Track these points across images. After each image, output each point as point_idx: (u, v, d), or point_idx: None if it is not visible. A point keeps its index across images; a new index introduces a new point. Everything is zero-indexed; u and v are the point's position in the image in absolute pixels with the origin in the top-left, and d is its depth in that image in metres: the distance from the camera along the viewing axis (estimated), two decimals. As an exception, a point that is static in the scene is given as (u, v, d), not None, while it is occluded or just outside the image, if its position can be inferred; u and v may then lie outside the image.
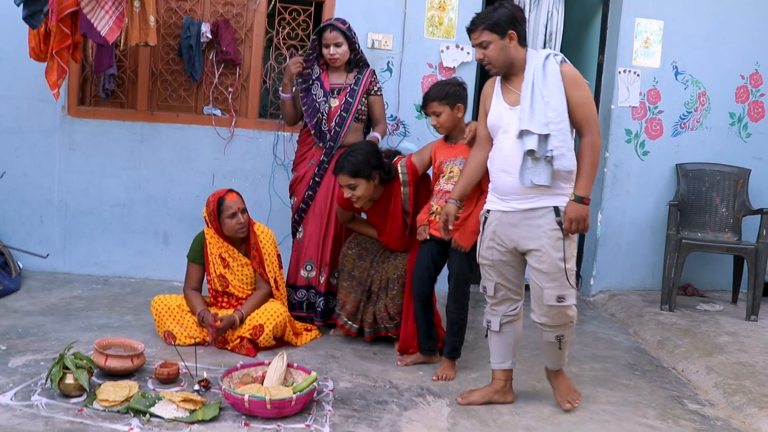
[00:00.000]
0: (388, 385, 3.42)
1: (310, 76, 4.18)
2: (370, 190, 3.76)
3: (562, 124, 2.93)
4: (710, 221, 5.19)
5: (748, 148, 5.41)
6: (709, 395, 3.62)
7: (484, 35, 3.01)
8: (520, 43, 3.04)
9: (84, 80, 4.89)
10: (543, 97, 2.93)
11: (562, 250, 2.98)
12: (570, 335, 3.14)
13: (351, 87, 4.14)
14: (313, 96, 4.13)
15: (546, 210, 2.99)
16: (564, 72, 2.96)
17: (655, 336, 4.41)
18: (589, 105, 2.99)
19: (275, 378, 3.15)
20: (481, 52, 3.04)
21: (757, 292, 4.74)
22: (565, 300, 3.03)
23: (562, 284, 3.01)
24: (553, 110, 2.92)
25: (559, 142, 2.92)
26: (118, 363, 3.19)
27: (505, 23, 2.98)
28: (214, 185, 4.84)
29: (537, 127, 2.92)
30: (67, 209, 4.89)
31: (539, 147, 2.92)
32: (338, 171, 3.72)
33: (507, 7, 3.01)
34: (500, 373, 3.29)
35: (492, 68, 3.07)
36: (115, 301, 4.44)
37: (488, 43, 3.01)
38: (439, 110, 3.58)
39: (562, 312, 3.05)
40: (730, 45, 5.30)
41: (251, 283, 3.91)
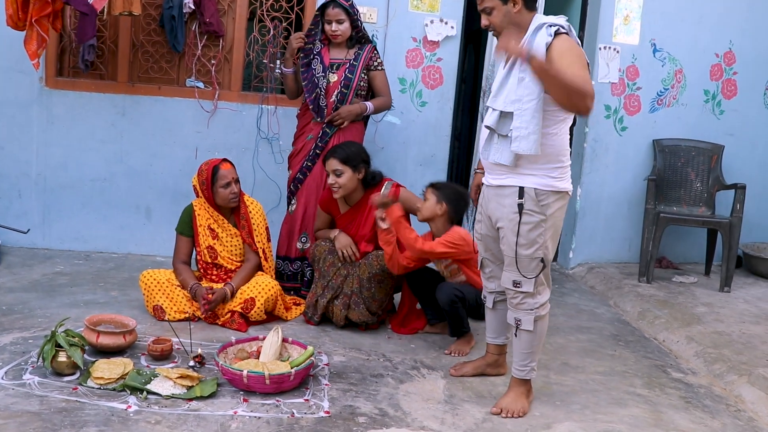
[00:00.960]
0: (382, 358, 3.46)
1: (311, 51, 4.18)
2: (353, 183, 3.79)
3: (531, 104, 2.72)
4: (685, 196, 5.31)
5: (721, 124, 5.54)
6: (691, 364, 3.74)
7: (486, 1, 2.87)
8: (527, 6, 2.86)
9: (62, 50, 4.76)
10: (519, 72, 2.76)
11: (517, 235, 2.86)
12: (527, 326, 2.93)
13: (351, 62, 4.16)
14: (312, 71, 4.14)
15: (511, 190, 2.87)
16: (553, 47, 2.73)
17: (635, 307, 4.52)
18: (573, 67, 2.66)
19: (271, 353, 3.16)
20: (486, 18, 2.91)
21: (731, 264, 4.89)
22: (521, 286, 2.90)
23: (516, 270, 2.91)
24: (526, 88, 2.73)
25: (521, 122, 2.74)
26: (110, 340, 3.16)
27: None
28: (197, 159, 4.78)
29: (500, 104, 2.81)
30: (46, 183, 4.79)
31: (498, 125, 2.82)
32: (329, 156, 3.78)
33: None
34: (493, 347, 3.33)
35: (497, 35, 2.92)
36: (99, 276, 4.38)
37: (491, 8, 2.87)
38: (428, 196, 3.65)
39: (521, 298, 2.93)
40: (706, 23, 5.39)
41: (240, 254, 3.90)
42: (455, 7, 4.99)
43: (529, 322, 2.94)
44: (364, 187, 3.87)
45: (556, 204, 2.88)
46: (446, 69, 5.05)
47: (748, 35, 5.47)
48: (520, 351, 3.00)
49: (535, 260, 2.88)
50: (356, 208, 3.88)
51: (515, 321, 2.97)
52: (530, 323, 2.94)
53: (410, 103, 5.03)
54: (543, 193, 2.84)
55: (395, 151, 5.02)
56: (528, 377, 3.03)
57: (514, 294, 2.95)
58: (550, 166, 2.85)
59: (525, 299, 2.93)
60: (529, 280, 2.90)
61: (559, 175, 2.87)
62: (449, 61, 5.04)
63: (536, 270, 2.89)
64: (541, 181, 2.84)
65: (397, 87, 4.98)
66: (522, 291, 2.92)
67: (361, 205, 3.87)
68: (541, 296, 2.94)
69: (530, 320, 2.93)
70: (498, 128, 2.83)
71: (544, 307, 2.96)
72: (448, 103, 5.09)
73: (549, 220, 2.87)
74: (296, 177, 4.20)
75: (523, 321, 2.94)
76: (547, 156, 2.83)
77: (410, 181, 5.02)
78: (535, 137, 2.74)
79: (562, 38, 2.77)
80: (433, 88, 5.05)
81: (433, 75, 5.03)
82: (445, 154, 5.14)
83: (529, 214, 2.85)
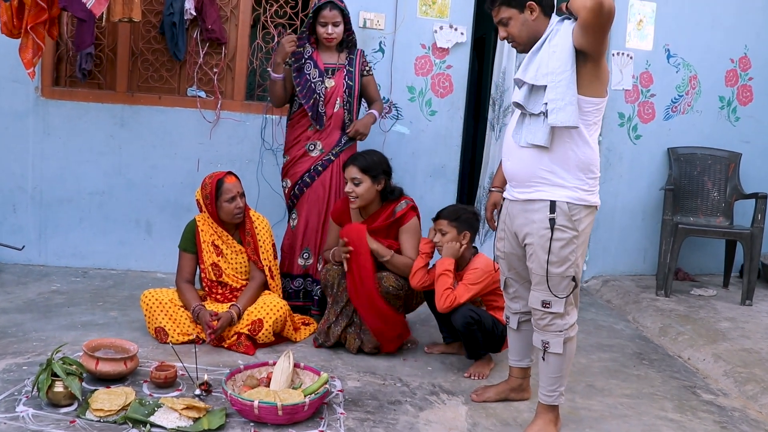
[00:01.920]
0: (399, 382, 3.28)
1: (302, 55, 3.99)
2: (372, 194, 3.62)
3: (564, 75, 2.57)
4: (702, 206, 5.16)
5: (736, 131, 5.39)
6: (721, 384, 3.58)
7: (502, 12, 2.76)
8: (545, 13, 2.73)
9: (59, 59, 4.59)
10: (550, 47, 2.62)
11: (548, 252, 2.70)
12: (556, 348, 2.76)
13: (347, 68, 4.00)
14: (306, 76, 3.95)
15: (542, 204, 2.71)
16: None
17: (656, 323, 4.36)
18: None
19: (282, 380, 2.98)
20: (503, 29, 2.79)
21: (752, 276, 4.73)
22: (551, 306, 2.73)
23: (546, 289, 2.74)
24: (558, 59, 2.58)
25: (556, 94, 2.57)
26: (110, 367, 2.97)
27: None
28: (199, 171, 4.61)
29: (531, 77, 2.65)
30: (42, 197, 4.60)
31: (528, 101, 2.66)
32: (349, 163, 3.62)
33: None
34: (517, 370, 3.16)
35: (517, 46, 2.81)
36: (98, 295, 4.19)
37: (508, 19, 2.75)
38: (446, 230, 3.45)
39: (548, 320, 2.76)
40: (720, 28, 5.25)
41: (246, 271, 3.73)
42: (465, 13, 4.83)
43: (559, 344, 2.77)
44: (381, 200, 3.69)
45: (587, 219, 2.74)
46: (456, 77, 4.89)
47: (763, 39, 5.33)
48: (547, 375, 2.83)
49: (567, 278, 2.72)
50: (370, 221, 3.69)
51: (543, 344, 2.80)
52: (559, 345, 2.77)
53: (419, 112, 4.86)
54: (576, 207, 2.69)
55: (404, 162, 4.85)
56: (556, 403, 2.86)
57: (543, 315, 2.78)
58: (581, 176, 2.69)
59: (554, 320, 2.76)
60: (560, 300, 2.73)
61: (591, 188, 2.72)
62: (459, 69, 4.88)
63: (567, 289, 2.73)
64: (573, 194, 2.68)
65: (406, 95, 4.83)
66: (551, 312, 2.75)
67: (375, 218, 3.68)
68: (569, 317, 2.78)
69: (559, 342, 2.77)
70: (528, 105, 2.67)
71: (573, 327, 2.79)
72: (458, 112, 4.93)
73: (581, 236, 2.72)
74: (293, 191, 4.03)
75: (552, 343, 2.77)
76: (578, 164, 2.68)
77: (420, 193, 4.87)
78: (573, 108, 2.57)
79: None
80: (443, 97, 4.89)
81: (442, 83, 4.86)
82: (455, 164, 4.98)
83: (562, 230, 2.68)
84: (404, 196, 3.71)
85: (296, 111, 4.05)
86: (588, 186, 2.71)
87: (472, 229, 3.48)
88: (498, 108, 5.02)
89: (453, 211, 3.50)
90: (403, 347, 3.72)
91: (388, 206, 3.66)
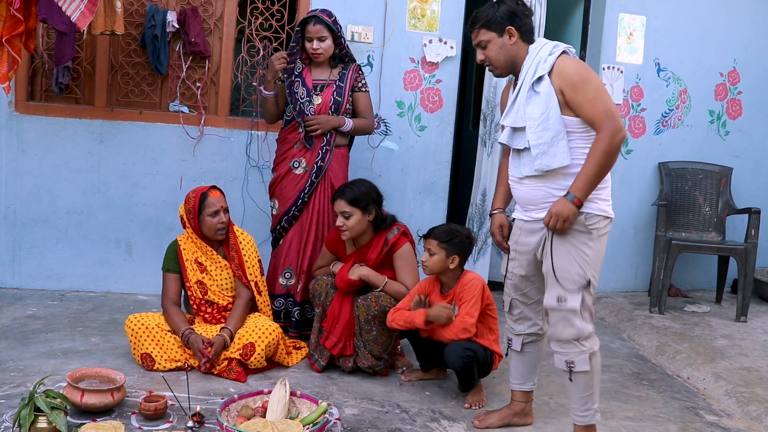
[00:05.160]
0: (398, 409, 3.15)
1: (293, 71, 3.86)
2: (363, 225, 3.52)
3: (543, 117, 2.63)
4: (694, 221, 5.12)
5: (726, 146, 5.37)
6: (723, 405, 3.50)
7: (481, 34, 2.77)
8: (524, 39, 2.76)
9: (34, 72, 4.40)
10: (528, 90, 2.68)
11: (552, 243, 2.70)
12: (582, 366, 2.69)
13: (337, 84, 3.87)
14: (295, 95, 3.83)
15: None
16: (558, 70, 2.64)
17: (652, 341, 4.29)
18: (595, 103, 2.61)
19: (279, 410, 2.84)
20: (481, 52, 2.80)
21: (747, 292, 4.68)
22: (566, 302, 2.67)
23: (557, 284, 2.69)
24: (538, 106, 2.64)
25: (537, 136, 2.64)
26: (96, 399, 2.80)
27: (502, 19, 2.73)
28: (181, 189, 4.43)
29: (510, 120, 2.74)
30: (16, 217, 4.39)
31: (512, 139, 2.75)
32: (337, 196, 3.52)
33: (507, 2, 2.76)
34: (520, 394, 3.06)
35: (494, 69, 2.82)
36: (77, 320, 3.99)
37: (486, 42, 2.77)
38: (435, 251, 3.31)
39: (566, 318, 2.68)
40: (710, 42, 5.24)
41: (231, 287, 3.60)
42: (454, 27, 4.74)
43: (584, 361, 2.70)
44: (374, 229, 3.57)
45: (604, 229, 2.73)
46: (446, 91, 4.79)
47: (751, 53, 5.33)
48: (578, 395, 2.76)
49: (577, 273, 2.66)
50: (364, 250, 3.58)
51: (567, 365, 2.72)
52: (585, 363, 2.70)
53: (409, 127, 4.75)
54: (593, 217, 2.68)
55: (393, 178, 4.73)
56: (592, 422, 2.80)
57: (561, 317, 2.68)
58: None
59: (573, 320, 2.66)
60: (574, 294, 2.66)
61: (604, 198, 2.72)
62: (449, 83, 4.79)
63: (578, 282, 2.66)
64: (589, 204, 2.66)
65: (395, 110, 4.71)
66: (568, 308, 2.66)
67: (369, 247, 3.57)
68: (588, 324, 2.70)
69: (585, 360, 2.70)
70: (512, 143, 2.76)
71: (594, 340, 2.73)
72: (448, 128, 4.83)
73: (595, 241, 2.68)
74: (281, 222, 3.89)
75: (577, 362, 2.70)
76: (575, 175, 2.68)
77: (409, 210, 4.76)
78: (556, 149, 2.64)
79: (566, 61, 2.67)
80: (432, 112, 4.78)
81: (432, 98, 4.76)
82: (445, 181, 4.87)
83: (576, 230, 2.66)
84: (396, 223, 3.61)
85: (285, 127, 3.94)
86: (602, 195, 2.71)
87: (463, 253, 3.34)
88: (489, 123, 4.93)
89: (445, 232, 3.34)
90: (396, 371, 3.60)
91: (380, 235, 3.56)
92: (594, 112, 2.61)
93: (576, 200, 2.60)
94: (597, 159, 2.59)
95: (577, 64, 2.67)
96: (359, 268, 3.48)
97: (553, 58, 2.66)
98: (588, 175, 2.60)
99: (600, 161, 2.59)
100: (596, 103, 2.61)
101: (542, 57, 2.68)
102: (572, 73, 2.63)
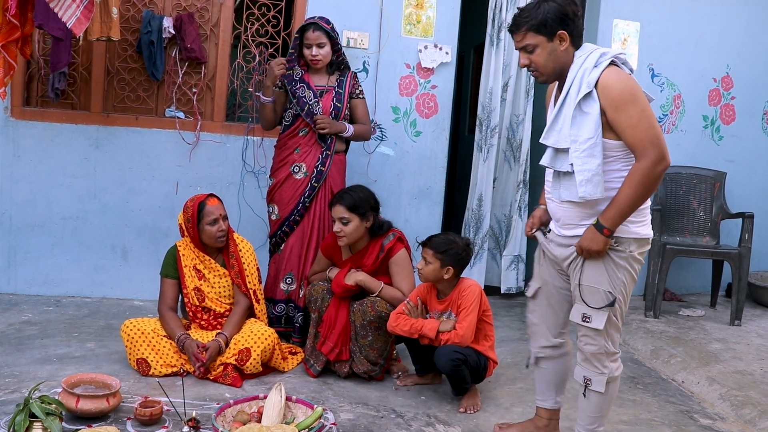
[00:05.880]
0: (393, 414, 3.15)
1: (292, 77, 3.88)
2: (360, 232, 3.53)
3: (591, 143, 2.43)
4: (688, 225, 5.14)
5: (720, 150, 5.40)
6: (717, 408, 3.51)
7: (528, 37, 2.52)
8: (574, 43, 2.52)
9: (30, 78, 4.40)
10: (571, 109, 2.48)
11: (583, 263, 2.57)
12: (597, 387, 2.61)
13: (336, 90, 3.90)
14: (303, 99, 3.85)
15: None
16: (602, 86, 2.42)
17: (647, 345, 4.30)
18: (637, 128, 2.40)
19: (274, 415, 2.83)
20: (527, 57, 2.56)
21: (741, 296, 4.70)
22: (590, 321, 2.55)
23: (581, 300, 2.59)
24: (583, 126, 2.46)
25: (582, 161, 2.45)
26: (91, 404, 2.80)
27: (553, 22, 2.47)
28: (177, 195, 4.45)
29: (552, 140, 2.55)
30: (12, 223, 4.39)
31: (555, 161, 2.57)
32: (336, 202, 3.51)
33: (556, 1, 2.49)
34: (543, 411, 2.95)
35: (539, 76, 2.59)
36: (72, 325, 3.99)
37: (534, 46, 2.52)
38: (430, 260, 3.32)
39: (590, 335, 2.59)
40: (703, 47, 5.27)
41: (229, 295, 3.60)
42: (449, 32, 4.76)
43: (601, 383, 2.60)
44: (370, 236, 3.59)
45: (637, 251, 2.55)
46: (441, 97, 4.81)
47: (744, 59, 5.36)
48: (587, 414, 2.68)
49: (601, 291, 2.54)
50: (359, 256, 3.59)
51: (584, 380, 2.63)
52: (601, 384, 2.60)
53: (404, 132, 4.77)
54: (624, 241, 2.53)
55: (389, 183, 4.74)
56: None
57: (585, 333, 2.59)
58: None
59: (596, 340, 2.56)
60: (598, 313, 2.53)
61: (641, 219, 2.56)
62: (444, 89, 4.81)
63: (601, 302, 2.53)
64: (621, 227, 2.51)
65: (391, 116, 4.73)
66: (592, 327, 2.55)
67: (365, 253, 3.58)
68: (611, 345, 2.59)
69: (602, 381, 2.60)
70: (555, 165, 2.58)
71: (617, 365, 2.63)
72: (443, 133, 4.85)
73: (626, 261, 2.53)
74: (282, 227, 3.89)
75: (594, 381, 2.61)
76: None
77: (404, 215, 4.77)
78: (599, 178, 2.45)
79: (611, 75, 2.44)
80: (427, 117, 4.80)
81: (427, 103, 4.78)
82: (441, 186, 4.88)
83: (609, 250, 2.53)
84: (392, 229, 3.62)
85: (284, 133, 3.95)
86: (638, 217, 2.54)
87: (458, 264, 3.35)
88: (485, 129, 4.95)
89: (443, 243, 3.33)
90: (392, 376, 3.60)
91: (376, 241, 3.57)
92: (635, 139, 2.41)
93: (605, 230, 2.47)
94: (633, 189, 2.41)
95: (622, 82, 2.44)
96: (355, 274, 3.49)
97: (599, 71, 2.44)
98: (621, 205, 2.43)
99: (637, 192, 2.41)
100: (638, 128, 2.40)
101: (587, 68, 2.46)
102: (616, 92, 2.41)
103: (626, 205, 2.43)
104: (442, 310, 3.38)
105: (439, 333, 3.24)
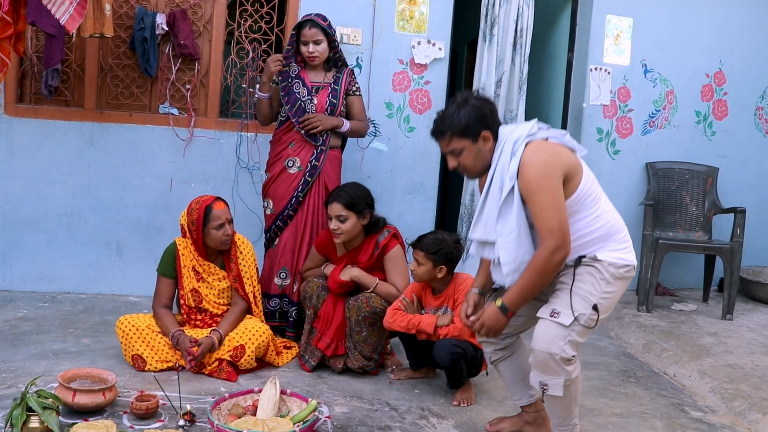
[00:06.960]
0: (387, 407, 3.17)
1: (288, 74, 3.89)
2: (357, 229, 3.54)
3: (513, 236, 2.50)
4: (681, 220, 5.17)
5: (713, 146, 5.42)
6: (708, 401, 3.54)
7: (453, 142, 2.56)
8: (494, 137, 2.58)
9: (23, 75, 4.41)
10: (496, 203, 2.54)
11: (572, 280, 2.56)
12: (555, 391, 2.54)
13: (332, 86, 3.91)
14: (296, 95, 3.86)
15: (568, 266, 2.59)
16: (520, 175, 2.47)
17: (640, 339, 4.33)
18: (541, 217, 2.45)
19: (269, 408, 2.86)
20: (455, 159, 2.61)
21: (732, 291, 4.73)
22: (558, 316, 2.51)
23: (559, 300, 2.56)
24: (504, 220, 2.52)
25: (507, 253, 2.50)
26: (88, 398, 2.82)
27: (475, 124, 2.53)
28: (171, 191, 4.47)
29: (479, 234, 2.62)
30: (6, 219, 4.40)
31: (481, 250, 2.65)
32: (332, 200, 3.51)
33: (472, 104, 2.55)
34: (524, 407, 2.97)
35: (469, 174, 2.67)
36: (68, 321, 4.00)
37: (460, 150, 2.56)
38: (422, 261, 3.33)
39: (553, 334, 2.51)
40: (696, 43, 5.29)
41: (227, 297, 3.60)
42: (443, 28, 4.78)
43: (558, 386, 2.54)
44: (365, 233, 3.60)
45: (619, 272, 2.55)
46: (434, 93, 4.82)
47: (737, 55, 5.38)
48: (555, 414, 2.70)
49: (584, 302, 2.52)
50: (354, 252, 3.61)
51: (541, 386, 2.57)
52: (559, 388, 2.54)
53: (398, 128, 4.79)
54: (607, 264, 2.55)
55: (382, 179, 4.76)
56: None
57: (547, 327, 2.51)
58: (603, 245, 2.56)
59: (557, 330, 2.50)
60: (569, 314, 2.50)
61: (621, 247, 2.58)
62: (437, 84, 4.83)
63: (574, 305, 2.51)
64: (602, 254, 2.54)
65: (384, 112, 4.75)
66: (558, 321, 2.51)
67: (360, 249, 3.60)
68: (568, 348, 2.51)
69: (559, 384, 2.53)
70: (482, 253, 2.67)
71: (574, 367, 2.55)
72: (437, 128, 4.86)
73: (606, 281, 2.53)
74: (276, 222, 3.91)
75: (551, 386, 2.54)
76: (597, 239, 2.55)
77: (398, 210, 4.79)
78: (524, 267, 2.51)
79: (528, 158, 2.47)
80: (421, 113, 4.82)
81: (421, 99, 4.80)
82: (434, 181, 4.90)
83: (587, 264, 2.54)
84: (386, 225, 3.64)
85: (279, 128, 3.96)
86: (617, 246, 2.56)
87: (451, 262, 3.37)
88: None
89: (433, 243, 3.34)
90: (386, 370, 3.63)
91: (371, 238, 3.59)
92: (539, 227, 2.47)
93: (509, 313, 2.55)
94: (533, 275, 2.48)
95: (534, 169, 2.46)
96: (351, 270, 3.51)
97: (516, 160, 2.48)
98: (522, 288, 2.50)
99: (533, 277, 2.48)
100: (541, 217, 2.45)
101: (505, 162, 2.52)
102: (527, 181, 2.46)
103: (526, 289, 2.51)
104: (438, 306, 3.40)
105: (438, 327, 3.26)
